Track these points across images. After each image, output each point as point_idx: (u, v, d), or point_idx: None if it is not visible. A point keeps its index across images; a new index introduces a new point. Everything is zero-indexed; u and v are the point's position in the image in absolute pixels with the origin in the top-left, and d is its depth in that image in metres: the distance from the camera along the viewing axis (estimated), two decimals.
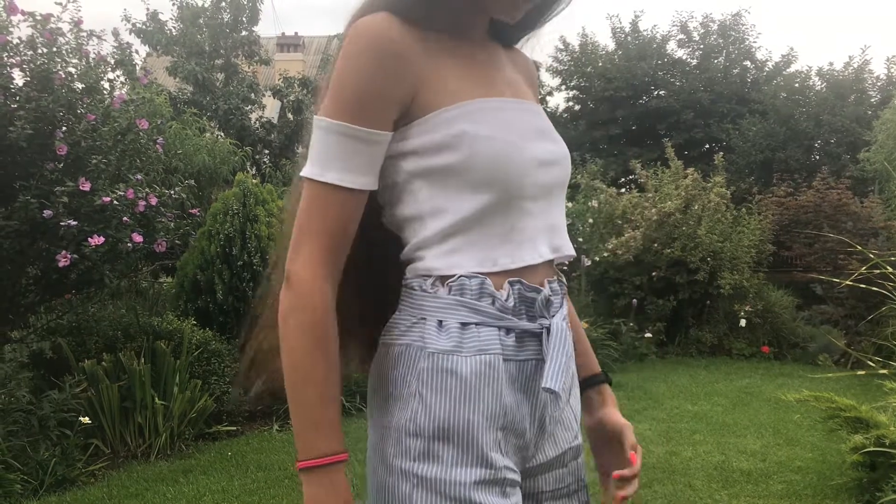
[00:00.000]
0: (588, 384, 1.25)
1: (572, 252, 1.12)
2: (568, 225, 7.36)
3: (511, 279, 1.02)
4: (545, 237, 1.06)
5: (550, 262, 1.08)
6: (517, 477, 1.04)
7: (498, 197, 1.01)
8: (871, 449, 3.56)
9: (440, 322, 1.00)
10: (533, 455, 1.08)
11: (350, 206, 1.00)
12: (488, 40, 1.15)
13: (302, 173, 1.02)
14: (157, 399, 4.57)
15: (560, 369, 1.00)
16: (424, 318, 1.02)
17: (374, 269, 1.17)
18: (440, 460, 0.98)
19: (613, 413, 1.23)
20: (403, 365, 1.02)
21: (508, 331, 1.01)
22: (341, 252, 1.01)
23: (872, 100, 16.36)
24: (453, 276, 1.01)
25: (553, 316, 1.05)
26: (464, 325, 1.00)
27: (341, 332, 1.01)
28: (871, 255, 4.16)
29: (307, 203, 1.00)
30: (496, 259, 1.02)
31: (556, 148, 1.10)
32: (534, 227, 1.05)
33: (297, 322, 0.97)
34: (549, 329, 1.03)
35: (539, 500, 1.12)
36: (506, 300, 1.01)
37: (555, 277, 1.09)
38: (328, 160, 0.99)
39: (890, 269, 3.89)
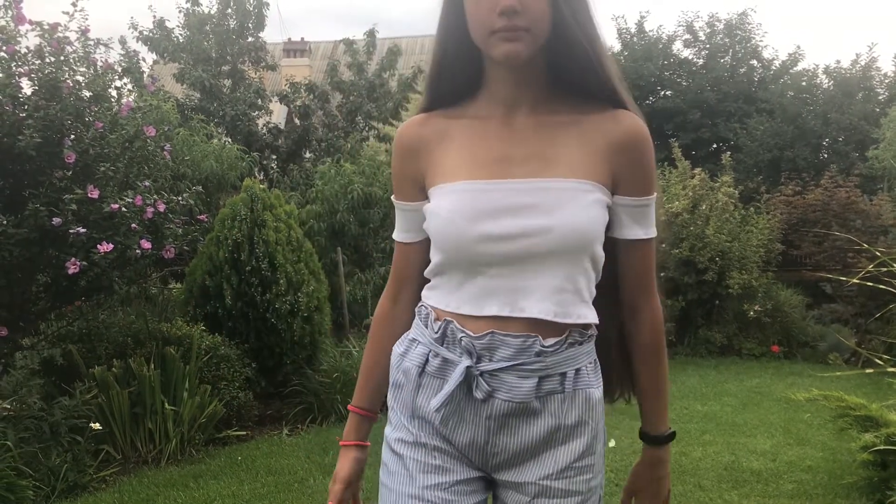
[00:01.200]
0: (653, 439, 1.43)
1: (540, 314, 1.22)
2: None
3: (447, 318, 1.27)
4: (498, 298, 1.23)
5: (516, 319, 1.23)
6: (445, 448, 1.30)
7: (448, 259, 1.27)
8: (882, 447, 3.55)
9: (410, 337, 1.36)
10: (497, 465, 1.30)
11: (401, 251, 1.43)
12: (532, 114, 1.28)
13: None
14: (167, 405, 4.59)
15: (445, 395, 1.23)
16: (408, 333, 1.38)
17: None
18: (390, 421, 1.38)
19: (644, 469, 1.45)
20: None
21: (437, 354, 1.28)
22: (404, 283, 1.43)
23: (880, 97, 16.29)
24: (426, 306, 1.33)
25: (481, 360, 1.23)
26: (413, 340, 1.34)
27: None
28: (878, 254, 4.14)
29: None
30: (448, 303, 1.28)
31: (521, 223, 1.21)
32: (485, 287, 1.24)
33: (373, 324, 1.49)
34: (463, 369, 1.24)
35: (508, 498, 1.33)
36: (434, 332, 1.28)
37: (519, 337, 1.22)
38: (396, 226, 1.43)
39: None
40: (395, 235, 1.42)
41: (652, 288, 1.39)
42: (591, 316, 1.26)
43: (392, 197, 1.41)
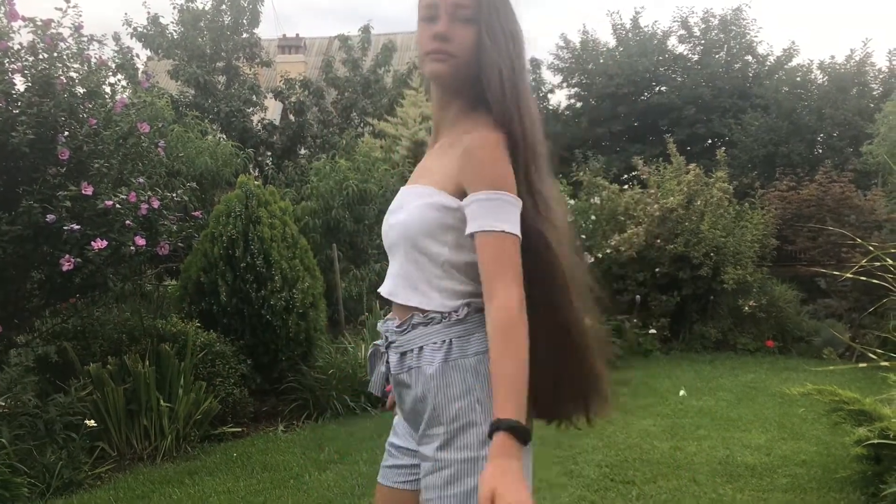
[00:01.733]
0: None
1: (399, 300, 1.48)
2: (570, 222, 7.31)
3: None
4: (387, 281, 1.53)
5: (397, 305, 1.50)
6: (397, 442, 1.60)
7: None
8: (876, 441, 3.56)
9: None
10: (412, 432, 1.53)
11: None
12: (446, 134, 1.54)
13: None
14: (162, 401, 4.59)
15: (375, 381, 1.60)
16: None
17: None
18: None
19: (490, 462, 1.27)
20: None
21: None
22: None
23: (875, 92, 16.32)
24: None
25: (391, 345, 1.50)
26: None
27: None
28: (871, 248, 4.15)
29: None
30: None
31: (391, 219, 1.52)
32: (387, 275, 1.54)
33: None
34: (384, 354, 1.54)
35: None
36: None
37: (402, 317, 1.47)
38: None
39: (890, 262, 3.88)
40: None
41: (494, 281, 1.35)
42: (414, 300, 1.45)
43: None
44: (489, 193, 1.36)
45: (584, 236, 8.93)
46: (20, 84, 4.24)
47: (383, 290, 1.53)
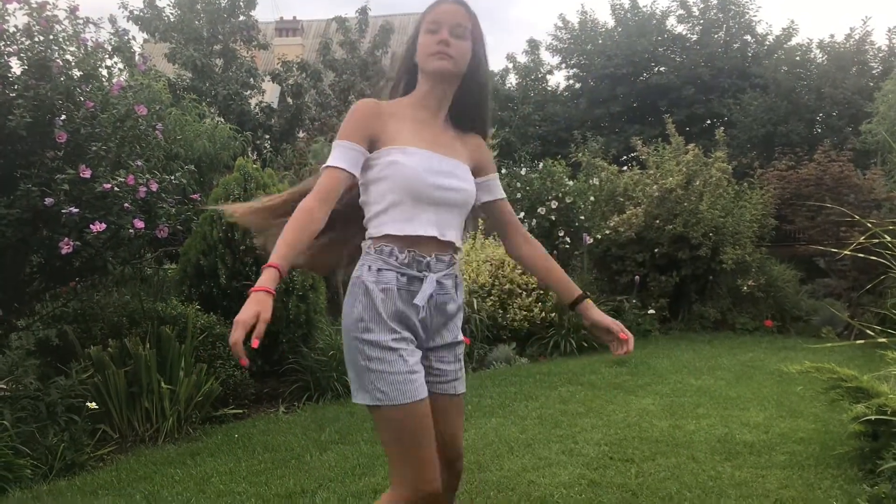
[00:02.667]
0: (575, 303, 2.17)
1: (454, 240, 2.02)
2: (569, 203, 7.34)
3: (410, 248, 1.93)
4: (434, 226, 1.95)
5: (442, 243, 1.98)
6: (413, 339, 1.96)
7: (404, 197, 1.92)
8: (873, 417, 3.58)
9: (369, 267, 1.93)
10: (430, 339, 2.03)
11: (334, 176, 1.92)
12: (448, 123, 2.11)
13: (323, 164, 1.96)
14: (163, 384, 4.61)
15: (424, 296, 1.94)
16: (363, 264, 1.95)
17: (358, 223, 2.09)
18: (372, 331, 1.89)
19: (599, 315, 2.16)
20: (354, 286, 1.96)
21: (402, 274, 1.93)
22: (325, 200, 1.89)
23: (874, 71, 16.28)
24: (381, 236, 1.94)
25: (432, 272, 1.97)
26: (379, 270, 1.92)
27: (336, 243, 2.19)
28: (870, 225, 4.15)
29: (321, 177, 1.94)
30: (402, 229, 1.92)
31: (454, 182, 1.99)
32: (426, 219, 1.94)
33: (296, 211, 1.87)
34: (426, 278, 1.96)
35: (433, 360, 2.06)
36: (403, 259, 1.93)
37: (448, 253, 2.02)
38: (333, 157, 1.93)
39: (889, 239, 3.89)
40: (334, 162, 1.91)
41: (521, 225, 2.26)
42: (459, 242, 2.05)
43: (336, 140, 1.95)
44: (496, 174, 2.21)
45: (583, 217, 8.93)
46: (16, 67, 4.23)
47: (454, 238, 2.01)
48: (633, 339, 2.12)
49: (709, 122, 19.18)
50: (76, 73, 4.44)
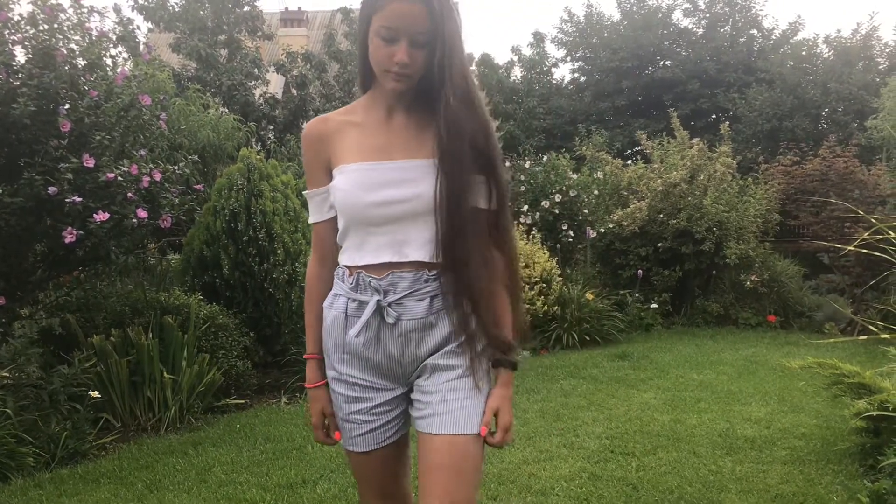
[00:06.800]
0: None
1: (421, 258, 1.64)
2: (573, 197, 7.32)
3: (357, 271, 1.68)
4: (387, 249, 1.66)
5: (403, 263, 1.65)
6: (364, 380, 1.72)
7: (350, 223, 1.69)
8: (875, 414, 3.58)
9: (333, 293, 1.76)
10: (409, 374, 1.72)
11: (317, 231, 1.83)
12: (415, 109, 1.72)
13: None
14: (165, 373, 4.62)
15: (361, 324, 1.66)
16: (332, 291, 1.78)
17: None
18: (329, 359, 1.76)
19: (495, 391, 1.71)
20: None
21: (352, 300, 1.69)
22: (325, 253, 1.82)
23: (880, 67, 16.23)
24: (341, 267, 1.74)
25: (387, 295, 1.65)
26: (335, 295, 1.74)
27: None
28: (874, 221, 4.14)
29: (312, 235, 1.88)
30: (354, 259, 1.69)
31: (401, 192, 1.64)
32: (376, 243, 1.67)
33: (306, 285, 1.86)
34: (374, 302, 1.66)
35: (417, 392, 1.72)
36: (350, 284, 1.70)
37: (412, 272, 1.65)
38: (310, 212, 1.84)
39: (893, 235, 3.87)
40: (311, 220, 1.83)
41: None
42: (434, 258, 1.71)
43: (305, 192, 1.82)
44: None
45: (586, 211, 8.92)
46: (21, 56, 4.23)
47: (420, 256, 1.65)
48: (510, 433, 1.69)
49: (714, 116, 19.13)
50: (80, 62, 4.44)
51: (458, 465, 1.59)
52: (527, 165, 9.39)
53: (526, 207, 8.76)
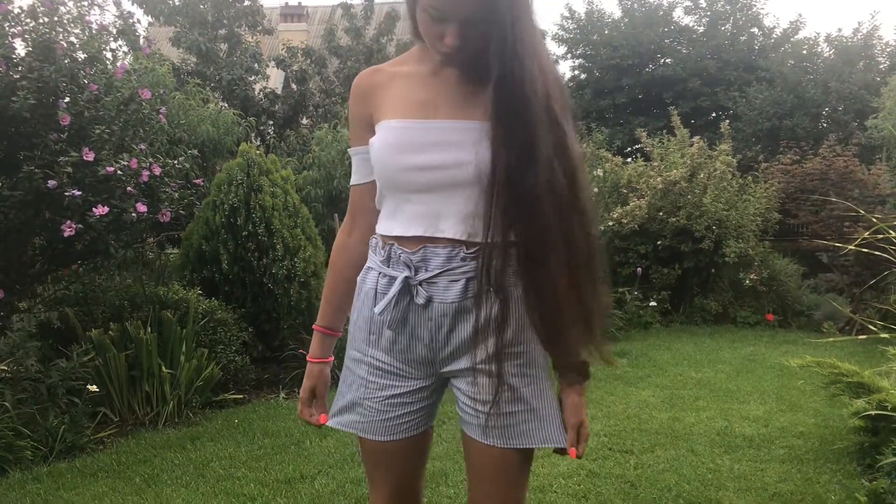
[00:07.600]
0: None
1: (456, 235, 1.42)
2: None
3: (389, 242, 1.49)
4: (420, 221, 1.45)
5: (437, 238, 1.43)
6: (390, 365, 1.54)
7: (382, 186, 1.52)
8: (873, 413, 3.58)
9: (367, 266, 1.59)
10: (443, 362, 1.51)
11: (356, 192, 1.65)
12: (470, 63, 1.42)
13: None
14: (163, 368, 4.61)
15: (386, 301, 1.47)
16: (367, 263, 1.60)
17: None
18: (351, 337, 1.60)
19: (567, 394, 1.53)
20: None
21: (383, 275, 1.51)
22: (356, 218, 1.66)
23: (881, 66, 16.22)
24: (375, 236, 1.56)
25: (417, 272, 1.46)
26: (368, 269, 1.57)
27: None
28: (874, 220, 4.14)
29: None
30: (386, 228, 1.51)
31: (440, 157, 1.42)
32: (411, 212, 1.46)
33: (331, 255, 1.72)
34: (405, 278, 1.46)
35: (455, 387, 1.55)
36: (382, 256, 1.51)
37: (447, 248, 1.43)
38: (353, 173, 1.66)
39: (893, 234, 3.87)
40: (353, 181, 1.65)
41: None
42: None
43: (349, 150, 1.65)
44: None
45: None
46: (20, 48, 4.22)
47: (434, 229, 1.45)
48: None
49: (714, 114, 19.13)
50: (80, 55, 4.43)
51: (514, 479, 1.53)
52: None
53: None
